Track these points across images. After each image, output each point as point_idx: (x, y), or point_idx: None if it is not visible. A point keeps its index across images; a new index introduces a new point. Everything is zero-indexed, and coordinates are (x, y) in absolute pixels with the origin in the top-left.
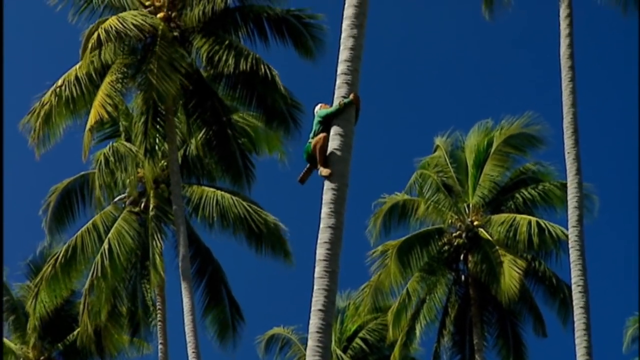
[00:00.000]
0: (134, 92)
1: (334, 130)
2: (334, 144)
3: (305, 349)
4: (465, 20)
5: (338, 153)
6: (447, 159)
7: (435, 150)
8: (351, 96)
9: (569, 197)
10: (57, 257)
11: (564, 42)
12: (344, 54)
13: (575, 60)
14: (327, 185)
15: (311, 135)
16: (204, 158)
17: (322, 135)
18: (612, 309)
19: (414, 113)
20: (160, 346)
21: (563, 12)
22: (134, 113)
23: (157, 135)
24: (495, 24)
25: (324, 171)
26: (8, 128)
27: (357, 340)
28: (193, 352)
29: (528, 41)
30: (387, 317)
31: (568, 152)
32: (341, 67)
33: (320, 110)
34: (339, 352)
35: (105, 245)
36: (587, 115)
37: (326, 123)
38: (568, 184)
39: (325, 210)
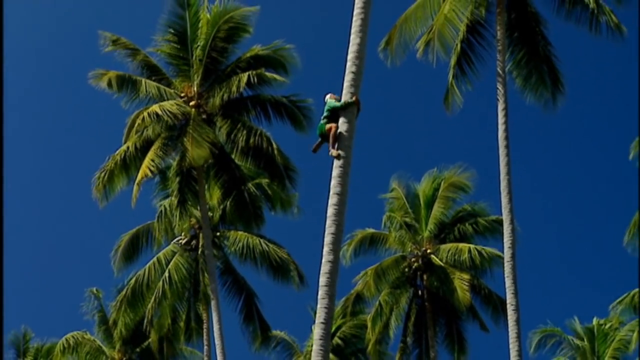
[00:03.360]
0: (173, 158)
1: (341, 120)
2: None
3: (297, 347)
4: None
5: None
6: (406, 202)
7: (391, 190)
8: (354, 97)
9: (505, 239)
10: (130, 285)
11: (501, 127)
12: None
13: (509, 140)
14: (328, 230)
15: (322, 117)
16: (226, 211)
17: (333, 125)
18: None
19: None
20: (205, 349)
21: (500, 105)
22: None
23: (191, 192)
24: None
25: (334, 152)
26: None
27: (336, 338)
28: (220, 352)
29: (473, 122)
30: (358, 321)
31: (504, 207)
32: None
33: (329, 100)
34: None
35: (166, 274)
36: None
37: (333, 114)
38: (504, 230)
39: (326, 249)
